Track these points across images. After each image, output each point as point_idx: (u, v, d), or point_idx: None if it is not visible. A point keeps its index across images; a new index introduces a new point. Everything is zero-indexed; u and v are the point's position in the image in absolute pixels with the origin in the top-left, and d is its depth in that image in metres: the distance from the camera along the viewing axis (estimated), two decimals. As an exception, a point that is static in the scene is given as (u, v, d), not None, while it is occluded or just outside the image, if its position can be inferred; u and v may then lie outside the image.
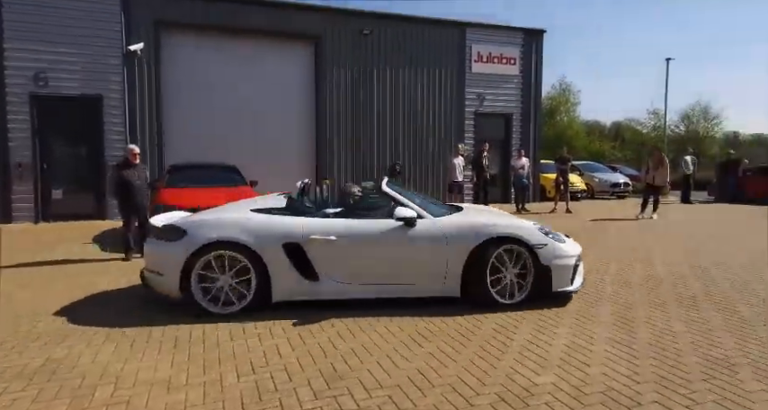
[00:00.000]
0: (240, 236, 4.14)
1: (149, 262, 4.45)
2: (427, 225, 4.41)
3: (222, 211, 4.67)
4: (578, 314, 4.25)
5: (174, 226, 4.29)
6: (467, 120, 14.67)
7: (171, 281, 4.15)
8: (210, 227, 4.21)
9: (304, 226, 4.30)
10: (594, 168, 19.58)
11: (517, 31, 14.97)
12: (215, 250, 4.12)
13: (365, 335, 3.77)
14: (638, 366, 3.15)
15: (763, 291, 4.85)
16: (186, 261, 4.08)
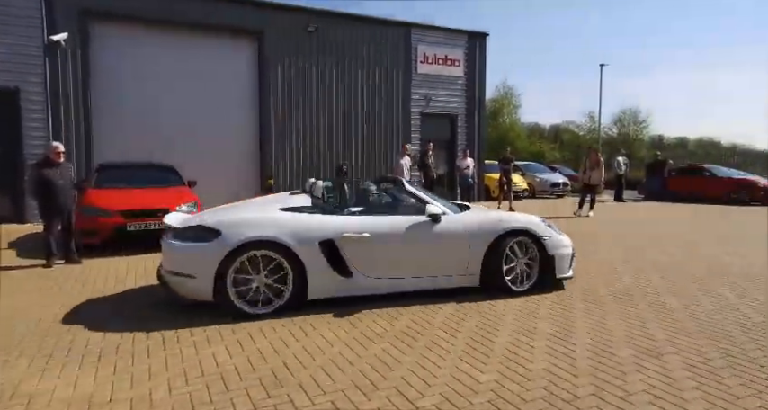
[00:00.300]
0: (278, 234, 4.09)
1: (175, 264, 4.16)
2: (451, 221, 4.68)
3: (246, 210, 4.51)
4: (523, 309, 4.33)
5: (205, 226, 4.13)
6: (413, 120, 14.79)
7: (204, 284, 3.99)
8: (246, 226, 4.10)
9: (338, 224, 4.37)
10: (535, 169, 20.33)
11: (461, 34, 15.27)
12: (252, 250, 4.03)
13: (309, 339, 3.65)
14: (577, 360, 3.22)
15: (693, 285, 5.14)
16: (221, 262, 3.96)
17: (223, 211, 4.55)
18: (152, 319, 4.11)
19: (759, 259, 6.44)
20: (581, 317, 4.09)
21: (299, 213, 4.43)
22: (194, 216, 4.68)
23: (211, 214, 4.47)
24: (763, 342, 3.48)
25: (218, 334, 3.75)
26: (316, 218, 4.38)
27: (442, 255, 4.61)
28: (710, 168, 17.08)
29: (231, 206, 5.00)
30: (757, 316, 4.04)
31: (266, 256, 4.08)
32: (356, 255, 4.34)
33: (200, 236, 4.08)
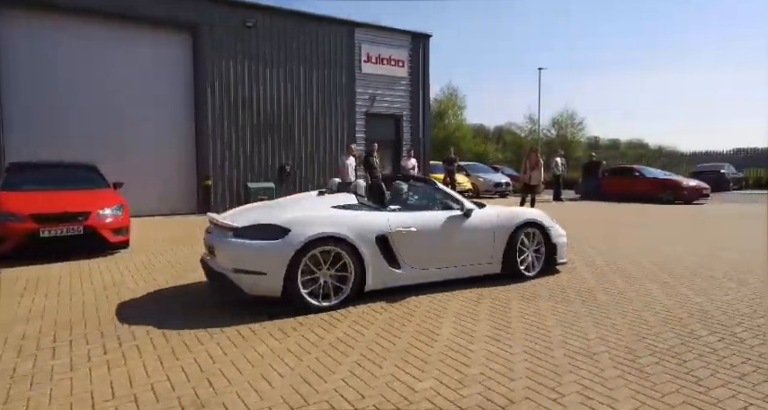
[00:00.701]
0: (342, 231, 4.29)
1: (241, 262, 4.13)
2: (478, 215, 5.19)
3: (300, 208, 4.60)
4: (460, 310, 4.28)
5: (273, 224, 4.22)
6: (358, 120, 14.67)
7: (274, 280, 4.09)
8: (312, 224, 4.25)
9: (389, 219, 4.67)
10: (479, 169, 20.75)
11: (405, 34, 15.32)
12: (319, 246, 4.19)
13: (239, 351, 3.40)
14: (513, 357, 3.18)
15: (621, 282, 5.30)
16: (292, 258, 4.08)
17: (283, 209, 4.58)
18: (60, 341, 3.72)
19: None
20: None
21: (352, 210, 4.65)
22: (250, 214, 4.56)
23: (278, 212, 4.46)
24: (687, 337, 3.59)
25: (135, 349, 3.43)
26: (370, 215, 4.64)
27: (474, 246, 5.12)
28: (639, 169, 18.08)
29: (263, 205, 5.25)
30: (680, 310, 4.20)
31: (330, 251, 4.26)
32: (405, 248, 4.70)
33: (269, 234, 4.15)
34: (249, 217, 4.45)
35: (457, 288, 4.99)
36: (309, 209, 4.59)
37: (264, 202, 5.53)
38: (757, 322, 3.85)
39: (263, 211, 4.65)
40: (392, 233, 4.61)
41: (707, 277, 5.39)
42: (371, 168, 12.12)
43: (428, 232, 4.83)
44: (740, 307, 4.26)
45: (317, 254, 4.21)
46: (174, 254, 7.03)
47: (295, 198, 5.51)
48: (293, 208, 4.65)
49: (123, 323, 4.01)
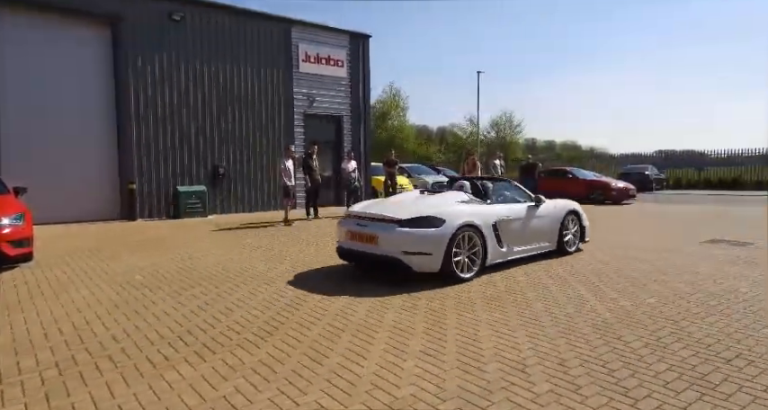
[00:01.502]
0: (475, 220, 5.59)
1: (411, 246, 5.20)
2: (544, 206, 6.68)
3: (433, 204, 5.79)
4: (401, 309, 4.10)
5: (433, 216, 5.37)
6: (296, 120, 14.25)
7: (437, 259, 5.24)
8: (457, 215, 5.48)
9: (496, 210, 6.05)
10: (421, 170, 20.86)
11: (343, 34, 15.06)
12: (462, 232, 5.41)
13: (145, 381, 3.02)
14: (445, 370, 3.03)
15: (554, 287, 5.33)
16: (448, 241, 5.24)
17: (421, 204, 5.83)
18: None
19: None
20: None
21: (472, 205, 5.96)
22: (405, 209, 5.65)
23: (423, 207, 5.65)
24: (616, 343, 3.60)
25: (19, 385, 2.97)
26: (486, 207, 6.01)
27: (542, 229, 6.61)
28: (572, 170, 18.84)
29: (380, 201, 6.82)
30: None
31: (467, 235, 5.50)
32: (505, 232, 6.02)
33: (431, 224, 5.30)
34: (408, 211, 5.58)
35: (392, 294, 4.82)
36: (442, 204, 5.81)
37: (380, 199, 7.25)
38: (680, 325, 3.94)
39: (399, 206, 5.83)
40: (499, 221, 5.98)
41: (630, 278, 5.54)
42: (310, 170, 11.76)
43: (517, 219, 6.28)
44: (664, 309, 4.36)
45: (460, 237, 5.40)
46: (89, 267, 6.40)
47: (405, 196, 6.80)
48: (425, 203, 5.86)
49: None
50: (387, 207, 5.91)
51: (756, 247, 7.35)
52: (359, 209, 6.03)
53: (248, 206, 13.69)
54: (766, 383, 2.91)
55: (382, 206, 6.04)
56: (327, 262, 6.71)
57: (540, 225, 6.57)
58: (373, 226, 5.54)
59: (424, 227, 5.27)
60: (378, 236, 5.39)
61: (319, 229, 10.27)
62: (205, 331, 3.96)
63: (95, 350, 3.58)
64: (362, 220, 5.73)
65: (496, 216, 5.96)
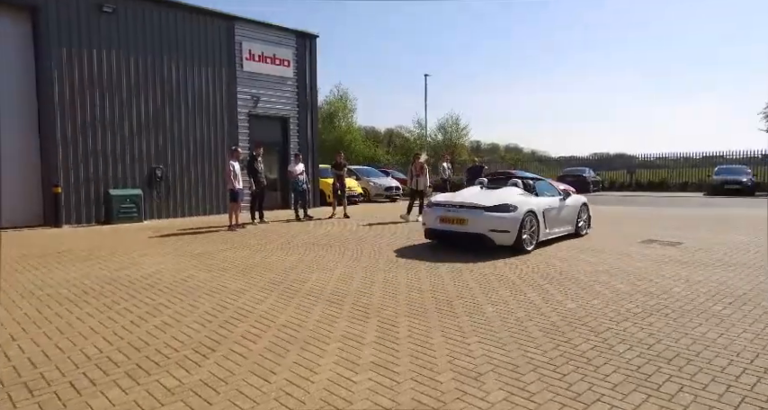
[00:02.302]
0: (534, 207, 7.61)
1: (495, 226, 7.19)
2: (568, 199, 8.73)
3: (500, 195, 7.79)
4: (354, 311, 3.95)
5: (509, 204, 7.35)
6: (240, 121, 13.76)
7: (513, 235, 7.22)
8: (523, 203, 7.48)
9: (543, 201, 8.05)
10: (369, 173, 20.81)
11: (290, 33, 14.73)
12: (527, 216, 7.36)
13: (62, 416, 2.70)
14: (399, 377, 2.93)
15: (506, 291, 5.38)
16: (520, 222, 7.20)
17: (499, 197, 7.70)
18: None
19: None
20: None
21: (528, 196, 7.96)
22: (485, 196, 7.78)
23: (503, 197, 7.66)
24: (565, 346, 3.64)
25: None
26: (537, 199, 8.00)
27: (566, 217, 8.62)
28: (515, 173, 19.39)
29: (500, 191, 8.19)
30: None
31: (530, 219, 7.44)
32: (547, 218, 7.92)
33: (508, 209, 7.25)
34: (488, 200, 7.57)
35: (342, 303, 4.68)
36: (511, 196, 7.76)
37: (465, 191, 8.75)
38: (623, 326, 4.05)
39: (482, 197, 7.76)
40: (545, 209, 7.94)
41: (574, 279, 5.70)
42: (256, 173, 11.36)
43: (555, 208, 8.28)
44: (607, 311, 4.49)
45: (526, 220, 7.36)
46: (3, 282, 5.79)
47: (473, 189, 8.73)
48: (496, 194, 7.92)
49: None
50: (468, 197, 7.89)
51: (686, 247, 7.80)
52: (446, 199, 7.99)
53: (190, 210, 13.06)
54: (704, 381, 3.02)
55: (462, 197, 7.98)
56: (274, 270, 6.46)
57: (566, 213, 8.64)
58: (462, 211, 7.53)
59: (504, 212, 7.26)
60: (468, 218, 7.42)
61: (266, 234, 9.93)
62: (139, 349, 3.64)
63: (8, 377, 3.19)
64: (452, 208, 7.66)
65: (544, 205, 7.99)
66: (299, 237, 9.43)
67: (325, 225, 11.55)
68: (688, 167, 26.79)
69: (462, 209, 7.52)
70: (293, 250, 7.99)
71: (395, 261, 6.98)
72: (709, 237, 8.75)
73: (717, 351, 3.48)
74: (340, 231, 10.36)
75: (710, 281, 5.48)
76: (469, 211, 7.43)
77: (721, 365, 3.24)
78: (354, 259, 7.14)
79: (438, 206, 7.86)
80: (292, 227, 11.28)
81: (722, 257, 6.92)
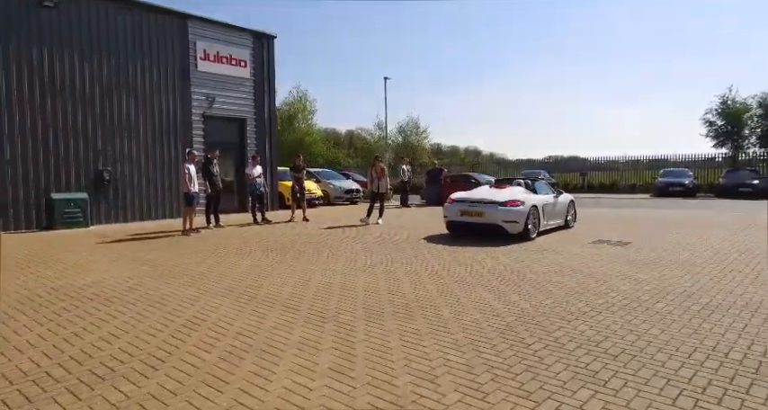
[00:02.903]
0: (537, 202, 9.19)
1: (507, 217, 8.78)
2: (560, 197, 10.40)
3: (509, 193, 9.34)
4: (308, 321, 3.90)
5: (518, 199, 8.93)
6: (195, 122, 13.36)
7: (521, 225, 8.76)
8: (529, 200, 9.04)
9: (542, 198, 9.61)
10: (329, 175, 20.67)
11: (246, 33, 14.45)
12: (532, 209, 8.96)
13: None
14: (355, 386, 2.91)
15: (460, 292, 5.45)
16: (526, 214, 8.81)
17: (508, 194, 9.26)
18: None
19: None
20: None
21: (531, 194, 9.50)
22: (498, 193, 9.33)
23: (513, 194, 9.24)
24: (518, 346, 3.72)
25: None
26: (538, 196, 9.56)
27: (559, 211, 10.21)
28: (475, 176, 19.77)
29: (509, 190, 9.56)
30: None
31: (533, 212, 8.97)
32: (546, 212, 9.49)
33: (517, 204, 8.82)
34: (500, 196, 9.10)
35: (298, 311, 4.62)
36: (518, 193, 9.32)
37: (478, 190, 10.47)
38: (573, 324, 4.19)
39: (496, 194, 9.30)
40: (544, 204, 9.50)
41: (528, 279, 5.86)
42: (211, 176, 11.05)
43: (551, 204, 9.86)
44: (558, 310, 4.63)
45: (530, 212, 8.87)
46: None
47: (484, 188, 10.71)
48: (506, 191, 9.44)
49: None
50: (484, 194, 9.52)
51: (633, 247, 8.17)
52: (468, 196, 9.63)
53: (141, 215, 12.57)
54: (647, 376, 3.16)
55: (480, 195, 9.58)
56: (229, 276, 6.30)
57: (558, 208, 10.28)
58: (480, 206, 9.09)
59: (513, 207, 8.82)
60: (484, 212, 8.98)
61: (222, 239, 9.69)
62: (81, 363, 3.46)
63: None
64: (471, 203, 9.26)
65: (543, 201, 9.55)
66: (256, 242, 9.25)
67: (284, 228, 11.38)
68: (637, 170, 28.09)
69: (480, 204, 9.09)
70: (250, 255, 7.82)
71: (353, 264, 6.95)
72: (654, 237, 9.19)
73: (659, 346, 3.65)
74: (299, 235, 10.23)
75: (655, 280, 5.76)
76: (486, 206, 9.00)
77: (662, 360, 3.40)
78: (312, 263, 7.07)
79: (458, 202, 9.44)
80: (249, 230, 11.05)
81: (666, 256, 7.28)
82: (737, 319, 4.26)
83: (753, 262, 6.72)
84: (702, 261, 6.88)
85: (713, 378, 3.11)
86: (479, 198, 9.25)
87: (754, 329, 4.01)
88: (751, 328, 4.02)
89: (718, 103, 25.23)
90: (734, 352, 3.52)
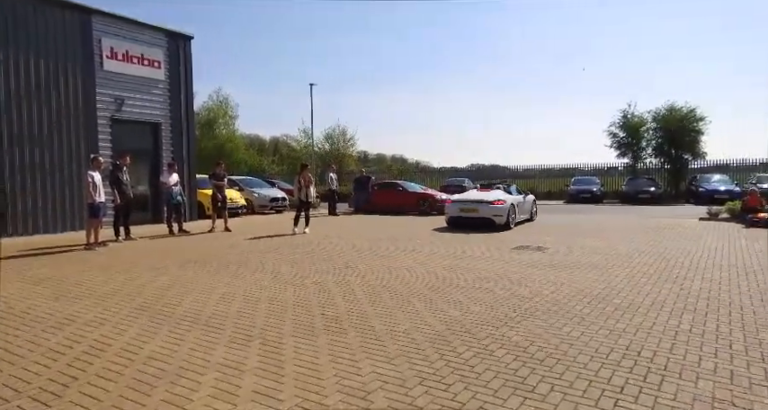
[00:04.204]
0: (514, 201, 12.53)
1: (495, 212, 11.81)
2: (527, 197, 13.98)
3: (495, 194, 12.39)
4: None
5: (502, 199, 12.08)
6: (101, 126, 12.29)
7: (504, 218, 11.85)
8: (508, 199, 12.28)
9: (515, 198, 12.83)
10: (253, 183, 19.94)
11: (160, 32, 13.58)
12: (511, 206, 12.19)
13: None
14: None
15: (392, 302, 5.38)
16: (508, 210, 11.98)
17: (492, 196, 12.25)
18: None
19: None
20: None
21: (509, 195, 12.71)
22: (487, 195, 12.45)
23: (497, 196, 12.31)
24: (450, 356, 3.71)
25: None
26: (512, 196, 12.62)
27: (527, 208, 13.55)
28: (402, 183, 20.02)
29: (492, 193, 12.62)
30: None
31: (512, 208, 12.13)
32: (518, 209, 12.62)
33: (502, 202, 11.95)
34: (488, 197, 12.07)
35: (220, 332, 4.30)
36: (501, 195, 12.35)
37: (469, 193, 13.69)
38: (501, 331, 4.26)
39: (486, 195, 12.29)
40: (517, 203, 12.51)
41: (459, 287, 5.94)
42: (119, 184, 10.17)
43: (521, 203, 12.94)
44: (486, 316, 4.70)
45: (510, 209, 11.96)
46: None
47: (474, 191, 13.82)
48: (492, 193, 12.43)
49: None
50: (476, 196, 12.59)
51: (551, 251, 8.61)
52: (465, 197, 13.01)
53: (38, 228, 11.30)
54: (571, 379, 3.26)
55: (473, 196, 12.72)
56: (141, 294, 5.76)
57: (526, 206, 13.57)
58: (475, 204, 12.12)
59: (499, 204, 11.87)
60: (478, 209, 11.97)
61: (133, 253, 8.93)
62: (-46, 405, 2.94)
63: None
64: (467, 202, 12.37)
65: (517, 201, 12.75)
66: (173, 255, 8.62)
67: (204, 240, 10.75)
68: (550, 178, 30.04)
69: (474, 203, 12.16)
70: (165, 270, 7.26)
71: (281, 276, 6.67)
72: (569, 242, 9.77)
73: (580, 348, 3.80)
74: (220, 246, 9.69)
75: (573, 283, 6.07)
76: (479, 204, 12.05)
77: (584, 362, 3.53)
78: (236, 276, 6.69)
79: (456, 202, 12.72)
80: (165, 243, 10.31)
81: (581, 259, 7.74)
82: (646, 318, 4.57)
83: (655, 263, 7.33)
84: (612, 263, 7.38)
85: (629, 378, 3.27)
86: (473, 199, 12.43)
87: (661, 327, 4.31)
88: (658, 327, 4.33)
89: (620, 117, 27.65)
90: (645, 351, 3.74)
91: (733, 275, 6.47)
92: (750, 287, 5.78)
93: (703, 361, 3.52)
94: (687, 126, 25.67)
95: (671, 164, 26.80)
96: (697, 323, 4.42)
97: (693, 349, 3.77)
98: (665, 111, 26.50)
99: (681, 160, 26.54)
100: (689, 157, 26.56)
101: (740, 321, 4.47)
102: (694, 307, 4.91)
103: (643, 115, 27.30)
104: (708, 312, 4.76)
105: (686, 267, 7.05)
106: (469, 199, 12.53)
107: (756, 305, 4.99)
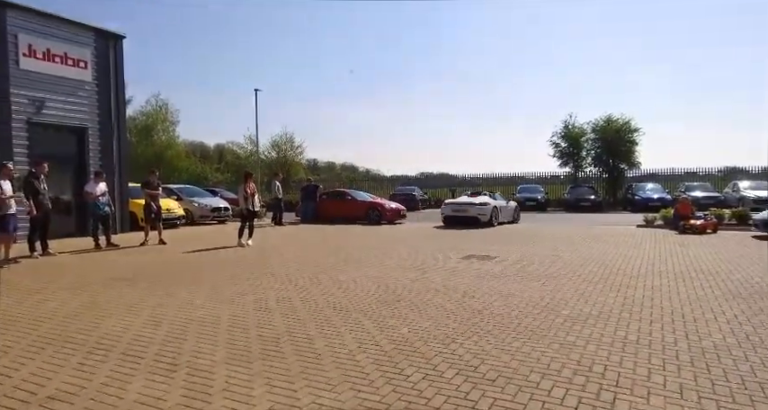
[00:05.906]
0: (497, 205, 16.15)
1: (481, 212, 15.39)
2: (509, 202, 17.87)
3: (481, 199, 16.22)
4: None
5: (487, 202, 15.84)
6: (16, 130, 11.20)
7: (488, 217, 15.32)
8: (492, 202, 15.96)
9: (498, 203, 16.54)
10: (194, 192, 18.98)
11: (86, 30, 12.62)
12: (494, 209, 15.77)
13: None
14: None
15: (337, 319, 5.06)
16: (491, 210, 15.52)
17: (482, 199, 16.23)
18: None
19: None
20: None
21: (493, 199, 16.54)
22: (475, 199, 16.33)
23: (483, 201, 16.12)
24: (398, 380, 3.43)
25: None
26: (495, 201, 16.44)
27: (509, 212, 17.03)
28: (351, 193, 19.71)
29: (463, 199, 17.02)
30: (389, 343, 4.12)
31: (495, 210, 15.79)
32: (501, 211, 16.22)
33: (487, 204, 15.79)
34: (476, 201, 15.97)
35: (140, 360, 3.80)
36: (486, 199, 16.16)
37: (460, 198, 17.32)
38: (451, 347, 4.04)
39: (474, 199, 16.21)
40: (499, 207, 16.09)
41: (407, 300, 5.69)
42: (36, 194, 9.22)
43: (504, 207, 16.58)
44: (437, 333, 4.47)
45: (493, 210, 15.59)
46: None
47: (465, 197, 17.34)
48: (479, 198, 16.25)
49: None
50: (467, 200, 16.21)
51: (498, 260, 8.58)
52: (457, 201, 16.57)
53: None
54: (524, 401, 3.06)
55: (464, 200, 16.26)
56: (53, 318, 5.10)
57: (508, 210, 16.59)
58: (465, 206, 15.65)
59: (484, 206, 15.32)
60: (468, 209, 15.44)
61: (50, 270, 8.07)
62: None
63: None
64: (459, 204, 15.98)
65: (500, 205, 15.87)
66: (97, 272, 7.86)
67: (134, 254, 9.95)
68: (496, 186, 30.81)
69: (465, 205, 15.66)
70: (85, 289, 6.55)
71: (218, 294, 6.17)
72: (514, 250, 9.81)
73: (531, 366, 3.63)
74: (152, 261, 8.98)
75: (523, 294, 5.97)
76: (469, 206, 15.51)
77: (536, 381, 3.36)
78: (168, 295, 6.11)
79: (450, 204, 16.20)
80: (89, 258, 9.44)
81: (527, 269, 7.72)
82: (594, 329, 4.50)
83: (599, 272, 7.43)
84: (557, 272, 7.41)
85: (582, 396, 3.12)
86: (464, 202, 16.12)
87: (609, 338, 4.25)
88: (606, 338, 4.26)
89: (562, 127, 28.79)
90: (596, 365, 3.62)
91: (672, 282, 6.63)
92: (688, 294, 5.92)
93: (653, 375, 3.44)
94: (623, 136, 27.10)
95: (609, 174, 28.15)
96: (643, 333, 4.39)
97: (642, 361, 3.70)
98: (603, 122, 27.88)
99: (618, 169, 27.95)
100: (625, 167, 28.01)
101: (683, 329, 4.49)
102: (639, 317, 4.91)
103: (583, 126, 28.59)
104: (652, 321, 4.77)
105: (628, 274, 7.18)
106: (461, 202, 16.23)
107: (696, 312, 5.07)
